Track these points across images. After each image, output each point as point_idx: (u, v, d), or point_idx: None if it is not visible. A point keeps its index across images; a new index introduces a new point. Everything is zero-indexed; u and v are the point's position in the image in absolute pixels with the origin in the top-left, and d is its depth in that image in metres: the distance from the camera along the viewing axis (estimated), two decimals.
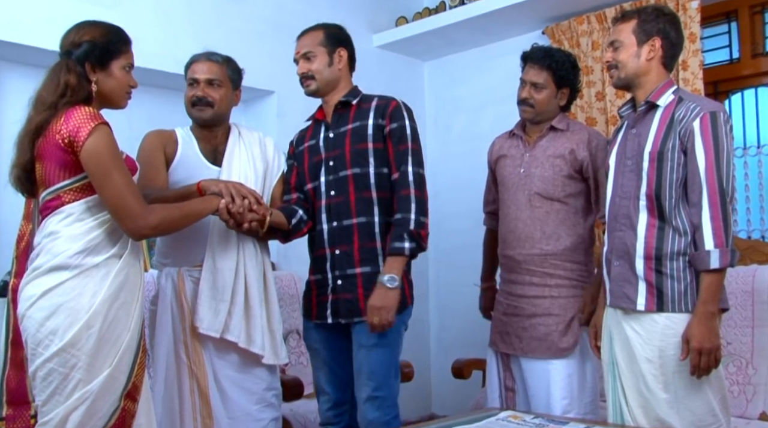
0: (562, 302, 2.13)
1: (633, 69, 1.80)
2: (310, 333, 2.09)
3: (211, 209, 1.82)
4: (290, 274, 2.97)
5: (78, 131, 1.55)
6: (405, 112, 2.00)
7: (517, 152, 2.25)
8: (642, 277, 1.74)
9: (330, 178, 2.01)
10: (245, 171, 2.06)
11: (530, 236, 2.15)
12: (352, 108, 2.04)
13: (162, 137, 2.06)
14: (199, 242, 1.97)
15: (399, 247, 1.88)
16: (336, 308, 1.98)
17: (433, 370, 3.70)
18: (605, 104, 2.97)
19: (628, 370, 1.76)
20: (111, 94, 1.67)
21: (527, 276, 2.16)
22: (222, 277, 1.95)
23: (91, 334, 1.54)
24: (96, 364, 1.54)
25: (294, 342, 2.83)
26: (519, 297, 2.18)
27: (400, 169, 1.94)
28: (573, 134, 2.19)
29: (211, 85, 2.03)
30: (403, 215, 1.90)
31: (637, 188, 1.77)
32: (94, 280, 1.57)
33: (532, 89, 2.19)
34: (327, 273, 2.00)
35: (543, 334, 2.11)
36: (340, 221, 1.98)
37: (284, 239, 2.10)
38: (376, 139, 1.97)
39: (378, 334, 1.90)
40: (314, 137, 2.09)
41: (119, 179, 1.57)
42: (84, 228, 1.59)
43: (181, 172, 2.03)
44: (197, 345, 1.94)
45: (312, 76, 2.03)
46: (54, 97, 1.60)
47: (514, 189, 2.21)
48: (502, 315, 2.23)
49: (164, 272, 1.99)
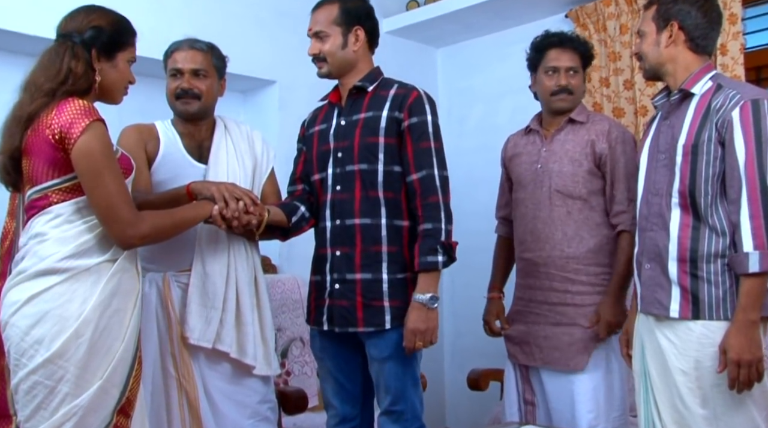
0: (587, 311, 2.11)
1: (654, 58, 1.79)
2: (315, 340, 2.06)
3: (203, 216, 1.81)
4: (293, 277, 2.96)
5: (71, 126, 1.53)
6: (427, 105, 1.94)
7: (534, 147, 2.23)
8: (675, 281, 1.71)
9: (337, 171, 1.96)
10: (233, 168, 2.03)
11: (550, 237, 2.14)
12: (368, 95, 1.98)
13: (142, 133, 2.02)
14: (187, 245, 1.95)
15: (433, 261, 1.84)
16: (331, 314, 1.95)
17: (447, 381, 3.69)
18: (634, 94, 2.94)
19: (662, 382, 1.73)
20: (111, 88, 1.66)
21: (546, 281, 2.15)
22: (212, 282, 1.93)
23: (80, 344, 1.52)
24: (85, 376, 1.53)
25: (297, 351, 2.82)
26: (539, 304, 2.17)
27: (424, 171, 1.89)
28: (593, 125, 2.17)
29: (197, 75, 2.00)
30: (434, 225, 1.86)
31: (669, 184, 1.74)
32: (85, 285, 1.55)
33: (569, 75, 2.17)
34: (326, 275, 1.97)
35: (566, 344, 2.10)
36: (343, 219, 1.94)
37: (283, 237, 2.09)
38: (389, 133, 1.92)
39: (391, 346, 1.88)
40: (326, 121, 2.04)
41: (110, 182, 1.56)
42: (74, 231, 1.58)
43: (164, 171, 2.00)
44: (186, 356, 1.92)
45: (324, 58, 1.97)
46: (54, 83, 1.57)
47: (532, 187, 2.19)
48: (521, 325, 2.22)
49: (148, 277, 1.95)
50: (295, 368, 2.76)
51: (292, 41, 3.08)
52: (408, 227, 1.94)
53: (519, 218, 2.24)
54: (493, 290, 2.40)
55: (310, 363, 2.77)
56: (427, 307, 1.84)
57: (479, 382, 2.67)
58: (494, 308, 2.36)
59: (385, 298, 1.89)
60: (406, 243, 1.93)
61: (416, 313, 1.85)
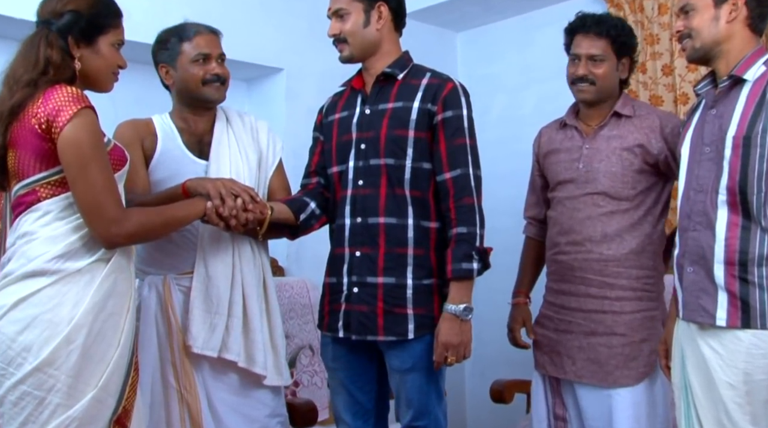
0: (627, 320, 2.07)
1: (711, 36, 1.72)
2: (327, 348, 2.04)
3: (196, 215, 1.81)
4: (302, 280, 2.95)
5: (57, 114, 1.52)
6: (463, 98, 1.92)
7: (573, 144, 2.19)
8: (722, 286, 1.67)
9: (359, 164, 1.94)
10: (236, 163, 2.02)
11: (588, 239, 2.11)
12: (397, 83, 1.96)
13: (138, 129, 2.01)
14: (188, 246, 1.95)
15: (468, 269, 1.83)
16: (347, 320, 1.93)
17: (468, 392, 3.68)
18: (674, 80, 2.89)
19: (705, 397, 1.69)
20: (96, 75, 1.65)
21: (582, 286, 2.11)
22: (216, 286, 1.92)
23: (72, 350, 1.51)
24: (78, 386, 1.52)
25: (306, 360, 2.81)
26: (573, 311, 2.13)
27: (459, 170, 1.87)
28: (641, 120, 2.13)
29: (223, 61, 2.02)
30: (469, 229, 1.84)
31: (716, 180, 1.70)
32: (77, 287, 1.54)
33: (590, 63, 2.12)
34: (342, 277, 1.95)
35: (605, 357, 2.06)
36: (365, 217, 1.92)
37: (291, 236, 2.08)
38: (420, 126, 1.89)
39: (414, 357, 1.87)
40: (348, 109, 2.02)
41: (97, 175, 1.55)
42: (65, 228, 1.57)
43: (162, 169, 1.99)
44: (188, 365, 1.91)
45: (344, 40, 1.95)
46: (32, 74, 1.58)
47: (572, 187, 2.16)
48: (551, 332, 2.19)
49: (147, 281, 1.95)
50: (303, 378, 2.76)
51: (301, 26, 3.07)
52: (436, 229, 1.92)
53: (554, 218, 2.21)
54: (519, 294, 2.36)
55: (320, 373, 2.76)
56: (460, 319, 1.83)
57: (503, 394, 2.64)
58: (520, 314, 2.32)
59: (408, 305, 1.87)
60: (434, 246, 1.91)
61: (449, 325, 1.83)
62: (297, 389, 2.71)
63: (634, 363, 2.04)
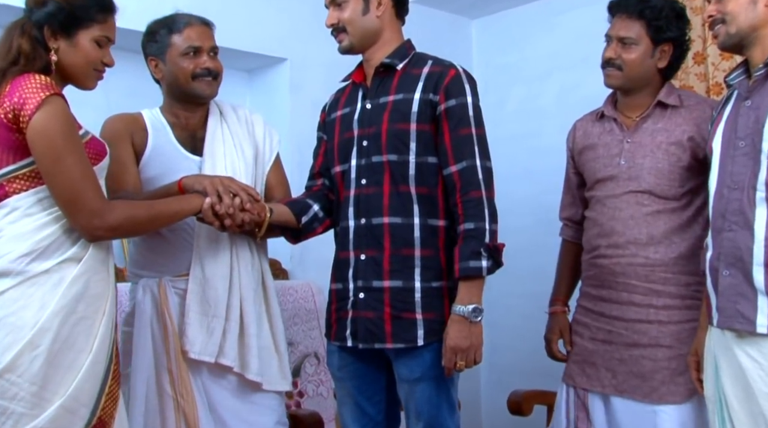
0: (675, 330, 2.03)
1: (748, 21, 1.69)
2: (333, 357, 2.05)
3: (190, 211, 1.81)
4: (307, 284, 2.96)
5: (24, 103, 1.52)
6: (467, 85, 1.91)
7: (612, 138, 2.15)
8: (763, 290, 1.64)
9: (362, 162, 1.95)
10: (231, 159, 2.03)
11: (633, 241, 2.07)
12: (397, 73, 1.96)
13: (127, 124, 2.01)
14: (184, 246, 1.95)
15: (476, 267, 1.82)
16: (355, 328, 1.93)
17: (484, 403, 3.67)
18: (706, 68, 2.87)
19: (743, 410, 1.67)
20: (73, 70, 1.65)
21: (625, 293, 2.07)
22: (213, 288, 1.93)
23: (36, 356, 1.50)
24: (44, 394, 1.51)
25: (312, 368, 2.82)
26: (614, 320, 2.09)
27: (464, 162, 1.87)
28: (689, 110, 2.08)
29: (215, 54, 2.02)
30: (476, 224, 1.83)
31: (753, 176, 1.67)
32: (43, 289, 1.54)
33: (620, 46, 2.09)
34: (348, 283, 1.95)
35: (649, 371, 2.02)
36: (368, 218, 1.92)
37: (293, 239, 2.08)
38: (422, 118, 1.89)
39: (424, 365, 1.87)
40: (350, 104, 2.03)
41: (73, 165, 1.55)
42: (33, 225, 1.57)
43: (154, 166, 1.99)
44: (184, 371, 1.91)
45: (343, 29, 1.95)
46: (4, 63, 1.59)
47: (612, 185, 2.12)
48: (587, 342, 2.15)
49: (141, 283, 1.96)
50: (308, 388, 2.77)
51: (306, 12, 3.06)
52: (445, 228, 1.92)
53: (592, 219, 2.17)
54: (557, 303, 2.32)
55: (326, 382, 2.77)
56: (469, 321, 1.81)
57: (522, 406, 2.61)
58: (557, 324, 2.28)
59: (417, 310, 1.87)
60: (443, 246, 1.91)
61: (457, 327, 1.82)
62: (302, 399, 2.71)
63: (682, 379, 1.98)
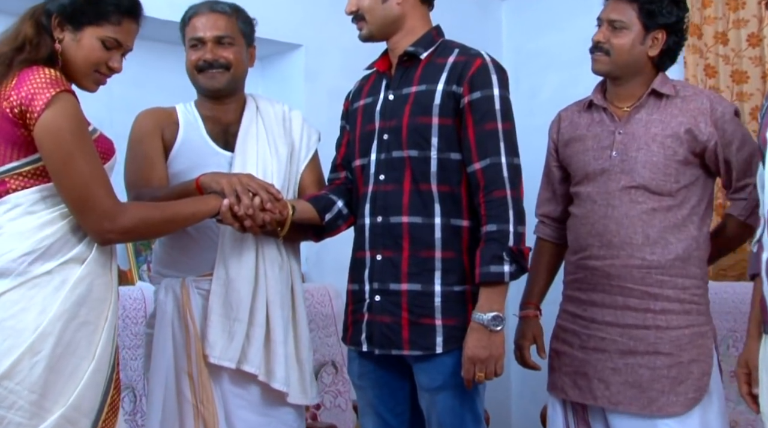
0: (674, 336, 2.01)
1: None
2: (353, 364, 2.06)
3: (207, 213, 1.82)
4: (323, 287, 2.97)
5: (32, 99, 1.54)
6: (494, 75, 1.90)
7: (603, 129, 2.14)
8: None
9: (382, 157, 1.96)
10: (263, 157, 2.05)
11: (628, 242, 2.05)
12: (421, 63, 1.96)
13: (158, 118, 2.06)
14: (209, 245, 1.98)
15: (498, 272, 1.81)
16: (370, 332, 1.94)
17: (515, 417, 3.67)
18: (761, 51, 2.85)
19: None
20: (72, 66, 1.66)
21: (620, 297, 2.05)
22: (236, 289, 1.94)
23: (36, 362, 1.51)
24: (44, 403, 1.52)
25: (329, 378, 2.82)
26: (607, 326, 2.07)
27: (488, 159, 1.86)
28: (686, 101, 2.07)
29: (221, 44, 2.03)
30: (499, 226, 1.83)
31: None
32: (44, 291, 1.55)
33: (609, 30, 2.09)
34: (364, 284, 1.97)
35: (647, 381, 2.00)
36: (386, 216, 1.93)
37: (316, 237, 2.09)
38: (445, 112, 1.89)
39: (444, 373, 1.87)
40: (373, 94, 2.05)
41: (84, 164, 1.56)
42: (35, 223, 1.58)
43: (182, 161, 2.03)
44: (205, 377, 1.93)
45: (362, 17, 1.96)
46: (9, 49, 1.60)
47: (603, 180, 2.10)
48: (577, 350, 2.13)
49: (164, 284, 1.99)
50: (326, 399, 2.78)
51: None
52: (469, 228, 1.92)
53: (581, 217, 2.15)
54: (529, 306, 2.30)
55: (345, 393, 2.77)
56: (489, 329, 1.81)
57: None
58: (530, 329, 2.26)
59: (436, 315, 1.87)
60: (466, 248, 1.91)
61: (476, 336, 1.82)
62: (318, 411, 2.72)
63: (683, 388, 1.97)
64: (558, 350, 2.19)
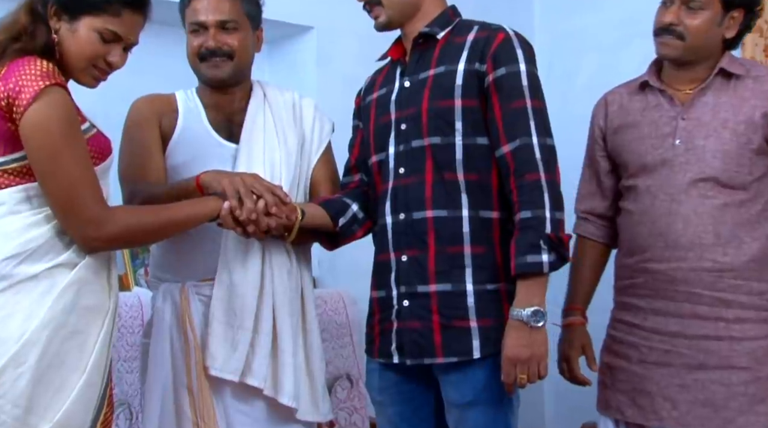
0: (751, 348, 1.99)
1: None
2: (374, 377, 2.06)
3: (205, 216, 1.82)
4: (337, 293, 2.98)
5: (20, 91, 1.54)
6: (519, 49, 1.90)
7: (662, 114, 2.12)
8: None
9: (400, 149, 1.97)
10: (271, 149, 2.06)
11: (697, 242, 2.02)
12: (438, 44, 1.97)
13: (156, 106, 2.07)
14: (211, 248, 1.98)
15: (535, 262, 1.80)
16: (401, 341, 1.94)
17: None
18: None
19: None
20: (68, 58, 1.68)
21: (687, 304, 2.03)
22: (240, 295, 1.94)
23: (20, 374, 1.52)
24: (29, 419, 1.52)
25: (344, 393, 2.83)
26: (672, 337, 2.05)
27: (518, 140, 1.86)
28: (759, 82, 2.04)
29: (225, 29, 2.03)
30: (534, 212, 1.82)
31: None
32: (30, 297, 1.55)
33: (683, 10, 2.04)
34: (391, 289, 1.97)
35: (721, 399, 1.98)
36: (408, 212, 1.94)
37: (330, 244, 2.10)
38: (468, 93, 1.89)
39: (478, 385, 1.86)
40: (386, 85, 2.06)
41: (72, 165, 1.57)
42: (21, 224, 1.59)
43: (181, 152, 2.03)
44: (206, 391, 1.93)
45: (378, 2, 1.97)
46: (5, 38, 1.62)
47: (666, 172, 2.08)
48: (635, 365, 2.11)
49: (162, 289, 2.00)
50: (340, 416, 2.78)
51: None
52: (500, 220, 1.92)
53: (638, 214, 2.13)
54: (575, 312, 2.28)
55: (361, 409, 2.78)
56: (529, 326, 1.80)
57: None
58: (578, 339, 2.24)
59: (471, 316, 1.88)
60: (498, 241, 1.91)
61: (515, 334, 1.81)
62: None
63: (763, 407, 1.95)
64: (611, 364, 2.16)
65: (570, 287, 2.32)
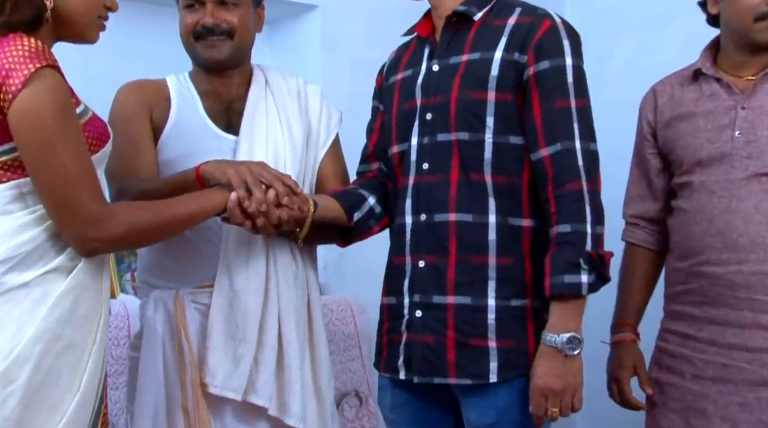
0: None
1: None
2: (385, 393, 2.08)
3: (210, 210, 1.81)
4: (345, 300, 3.00)
5: (8, 76, 1.53)
6: (566, 41, 1.90)
7: (718, 104, 2.13)
8: None
9: (424, 141, 1.97)
10: (275, 140, 2.06)
11: (760, 242, 2.03)
12: (474, 26, 1.96)
13: (145, 93, 2.07)
14: (210, 250, 1.98)
15: (574, 283, 1.80)
16: (409, 356, 1.95)
17: None
18: None
19: None
20: (74, 17, 1.67)
21: (748, 312, 2.03)
22: (243, 303, 1.95)
23: (11, 393, 1.51)
24: None
25: (352, 412, 2.84)
26: (732, 350, 2.06)
27: (559, 144, 1.86)
28: None
29: (224, 4, 2.03)
30: (573, 227, 1.82)
31: None
32: (21, 307, 1.55)
33: None
34: (403, 297, 1.98)
35: None
36: (430, 213, 1.94)
37: (343, 240, 2.11)
38: (504, 85, 1.89)
39: (499, 408, 1.87)
40: (413, 66, 2.06)
41: (67, 158, 1.55)
42: (11, 225, 1.58)
43: (175, 146, 2.03)
44: (204, 411, 1.93)
45: None
46: None
47: (726, 166, 2.09)
48: (689, 381, 2.12)
49: (152, 297, 1.99)
50: None
51: None
52: (532, 229, 1.92)
53: (693, 213, 2.14)
54: (625, 328, 2.30)
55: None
56: (563, 354, 1.80)
57: None
58: (629, 357, 2.26)
59: (490, 335, 1.88)
60: (528, 253, 1.91)
61: (548, 363, 1.82)
62: None
63: None
64: (661, 380, 2.18)
65: (619, 300, 2.34)
